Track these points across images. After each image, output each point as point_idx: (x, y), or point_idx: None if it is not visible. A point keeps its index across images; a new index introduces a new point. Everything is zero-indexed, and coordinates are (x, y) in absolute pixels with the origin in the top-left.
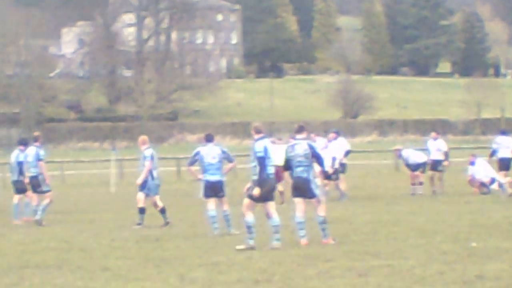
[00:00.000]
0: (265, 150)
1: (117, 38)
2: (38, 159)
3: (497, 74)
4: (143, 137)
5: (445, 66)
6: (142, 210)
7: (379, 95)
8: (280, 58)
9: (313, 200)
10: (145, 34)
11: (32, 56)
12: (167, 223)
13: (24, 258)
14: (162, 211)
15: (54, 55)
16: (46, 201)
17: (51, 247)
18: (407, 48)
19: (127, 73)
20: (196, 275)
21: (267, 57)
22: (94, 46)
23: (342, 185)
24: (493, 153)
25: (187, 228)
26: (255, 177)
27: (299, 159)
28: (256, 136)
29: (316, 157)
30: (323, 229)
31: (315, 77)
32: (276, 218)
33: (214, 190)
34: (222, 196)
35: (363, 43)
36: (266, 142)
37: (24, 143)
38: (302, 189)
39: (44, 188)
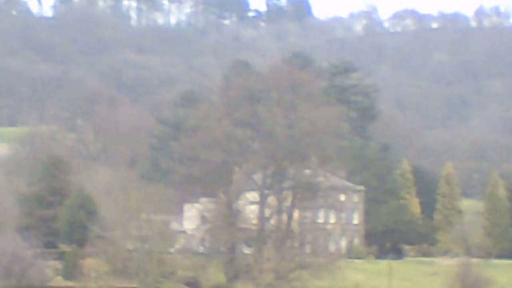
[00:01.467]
0: None
1: (239, 216)
2: None
3: None
4: None
5: None
6: None
7: (498, 278)
8: (401, 239)
9: None
10: (267, 212)
11: (153, 231)
12: None
13: None
14: None
15: (175, 230)
16: None
17: None
18: None
19: (247, 250)
20: None
21: (388, 238)
22: (216, 223)
23: None
24: None
25: None
26: None
27: None
28: None
29: None
30: None
31: (435, 260)
32: None
33: None
34: None
35: (485, 226)
36: None
37: None
38: None
39: None
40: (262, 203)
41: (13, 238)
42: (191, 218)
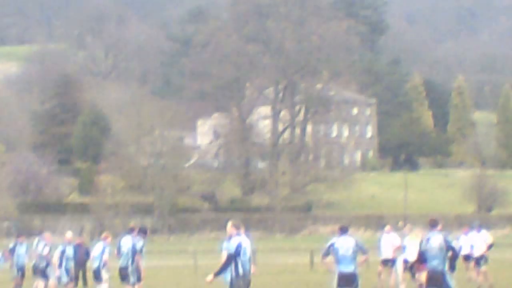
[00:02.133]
0: (238, 247)
1: (252, 130)
2: (134, 250)
3: None
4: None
5: None
6: None
7: None
8: (415, 151)
9: None
10: (280, 127)
11: (167, 147)
12: None
13: None
14: None
15: (189, 146)
16: None
17: None
18: None
19: (262, 164)
20: None
21: (401, 151)
22: (229, 138)
23: (481, 277)
24: None
25: None
26: (229, 274)
27: (434, 252)
28: (234, 233)
29: (452, 250)
30: None
31: (450, 171)
32: None
33: (347, 281)
34: (356, 287)
35: (498, 138)
36: (242, 239)
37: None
38: (437, 281)
39: (131, 280)
40: (274, 117)
41: (27, 156)
42: (204, 133)
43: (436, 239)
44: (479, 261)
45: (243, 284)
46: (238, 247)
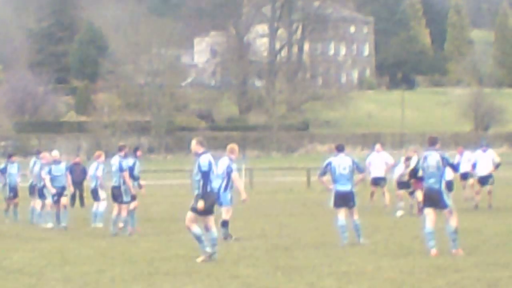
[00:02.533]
0: (210, 164)
1: (249, 48)
2: (121, 169)
3: None
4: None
5: None
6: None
7: (510, 107)
8: (412, 70)
9: (444, 211)
10: (277, 45)
11: (164, 65)
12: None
13: (153, 265)
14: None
15: (186, 64)
16: (124, 212)
17: (181, 254)
18: None
19: (259, 83)
20: (326, 284)
21: (399, 69)
22: (226, 56)
23: (479, 196)
24: None
25: (317, 237)
26: (198, 191)
27: (431, 170)
28: (200, 150)
29: (451, 166)
30: (454, 240)
31: (447, 89)
32: (215, 231)
33: (344, 200)
34: (352, 206)
35: (496, 56)
36: (210, 157)
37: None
38: (434, 200)
39: (124, 199)
40: (272, 35)
41: (24, 75)
42: (201, 51)
43: (433, 157)
44: (485, 179)
45: (209, 200)
46: (210, 164)
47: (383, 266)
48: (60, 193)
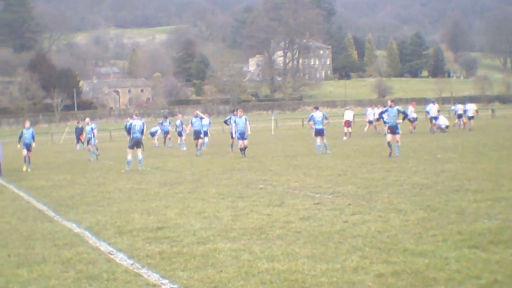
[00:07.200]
0: (246, 120)
1: (274, 63)
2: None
3: None
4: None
5: None
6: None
7: (395, 86)
8: (350, 70)
9: (396, 136)
10: (287, 60)
11: (235, 71)
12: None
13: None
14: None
15: (245, 71)
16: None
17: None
18: None
19: (278, 78)
20: (303, 162)
21: (344, 70)
22: (263, 67)
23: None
24: None
25: (309, 149)
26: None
27: (392, 114)
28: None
29: (403, 113)
30: (397, 148)
31: (366, 79)
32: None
33: (319, 133)
34: (323, 135)
35: (387, 62)
36: (137, 122)
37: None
38: (393, 130)
39: (201, 136)
40: (284, 56)
41: (171, 78)
42: (252, 65)
43: (393, 111)
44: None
45: (134, 141)
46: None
47: (338, 163)
48: (198, 135)
